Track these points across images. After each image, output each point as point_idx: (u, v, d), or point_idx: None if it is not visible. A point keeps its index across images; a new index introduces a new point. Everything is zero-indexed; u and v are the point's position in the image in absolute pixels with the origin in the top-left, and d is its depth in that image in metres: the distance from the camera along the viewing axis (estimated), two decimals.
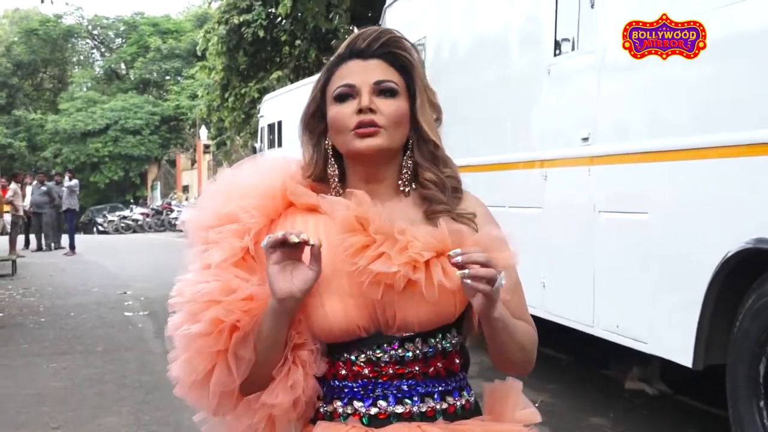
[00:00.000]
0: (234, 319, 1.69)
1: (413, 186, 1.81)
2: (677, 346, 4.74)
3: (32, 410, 6.32)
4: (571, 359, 7.32)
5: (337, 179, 1.81)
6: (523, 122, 6.77)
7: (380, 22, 10.56)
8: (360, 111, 1.74)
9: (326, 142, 1.81)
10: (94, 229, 38.68)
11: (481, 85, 7.31)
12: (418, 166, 1.80)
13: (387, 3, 9.87)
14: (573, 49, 6.03)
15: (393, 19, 9.63)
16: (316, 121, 1.82)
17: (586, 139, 5.65)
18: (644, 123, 5.16)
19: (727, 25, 4.48)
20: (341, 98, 1.76)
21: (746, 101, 4.31)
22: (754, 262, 4.25)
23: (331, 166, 1.81)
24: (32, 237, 23.36)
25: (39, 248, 22.73)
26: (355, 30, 17.11)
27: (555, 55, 6.18)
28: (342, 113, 1.75)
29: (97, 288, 13.75)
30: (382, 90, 1.76)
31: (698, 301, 4.50)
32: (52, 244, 22.69)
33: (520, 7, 6.83)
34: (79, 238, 24.42)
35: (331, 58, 1.84)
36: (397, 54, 1.79)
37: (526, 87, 6.63)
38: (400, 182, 1.80)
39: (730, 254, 4.30)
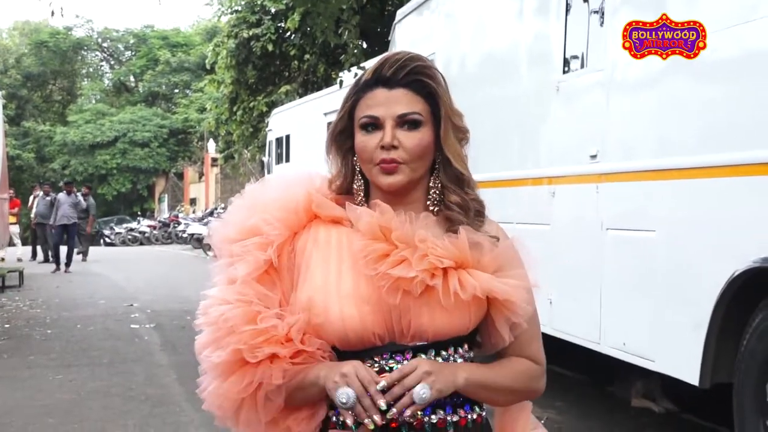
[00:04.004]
0: (256, 356, 1.74)
1: (440, 207, 1.84)
2: (684, 364, 4.73)
3: (39, 422, 6.32)
4: (578, 376, 7.31)
5: (362, 194, 1.85)
6: (531, 139, 6.79)
7: (389, 38, 10.60)
8: (383, 147, 1.77)
9: (354, 159, 1.85)
10: (102, 241, 38.73)
11: (490, 101, 7.34)
12: (444, 188, 1.84)
13: (396, 19, 9.91)
14: (582, 66, 6.05)
15: (402, 35, 9.67)
16: (343, 138, 1.86)
17: (594, 157, 5.66)
18: (652, 141, 5.17)
19: (736, 45, 4.49)
20: (366, 128, 1.80)
21: (755, 121, 4.32)
22: (761, 281, 4.25)
23: (357, 181, 1.85)
24: (38, 248, 23.41)
25: (45, 260, 22.77)
26: (364, 45, 17.14)
27: (564, 72, 6.21)
28: (367, 145, 1.79)
29: (103, 300, 13.76)
30: (405, 121, 1.79)
31: (705, 319, 4.50)
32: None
33: (530, 24, 6.86)
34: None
35: (359, 78, 1.87)
36: (423, 82, 1.81)
37: (535, 104, 6.65)
38: (428, 203, 1.84)
39: (737, 273, 4.30)
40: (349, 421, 1.67)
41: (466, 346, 1.82)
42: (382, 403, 1.65)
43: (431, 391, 1.67)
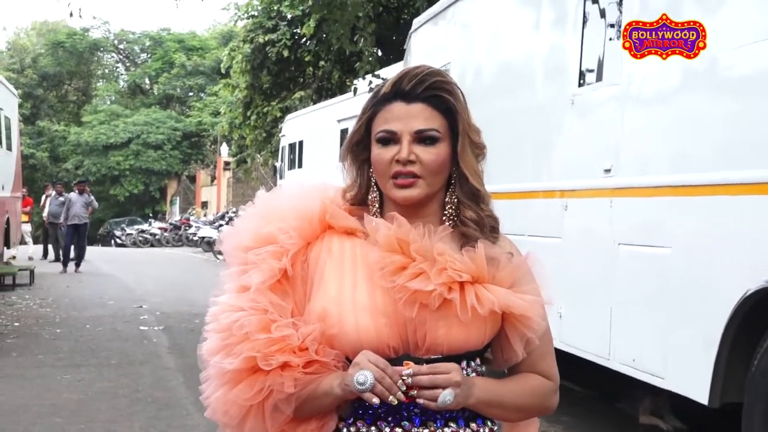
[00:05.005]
0: (270, 364, 1.72)
1: (456, 222, 1.83)
2: (694, 382, 4.71)
3: (46, 421, 6.33)
4: (586, 391, 7.27)
5: (377, 205, 1.84)
6: (545, 151, 6.77)
7: (405, 47, 10.61)
8: (398, 161, 1.77)
9: (370, 170, 1.84)
10: (112, 241, 38.82)
11: (504, 112, 7.32)
12: (460, 203, 1.83)
13: (412, 28, 9.91)
14: (597, 80, 6.03)
15: (418, 45, 9.67)
16: (360, 149, 1.86)
17: (608, 171, 5.64)
18: (667, 157, 5.15)
19: (754, 63, 4.47)
20: (383, 142, 1.79)
21: None
22: None
23: (372, 193, 1.85)
24: (50, 247, 23.46)
25: (56, 259, 22.81)
26: (379, 53, 17.14)
27: (579, 85, 6.19)
28: (383, 158, 1.78)
29: (113, 301, 13.79)
30: (423, 137, 1.78)
31: (716, 338, 4.47)
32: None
33: (546, 36, 6.84)
34: (97, 251, 24.48)
35: (377, 90, 1.86)
36: (442, 97, 1.80)
37: (550, 116, 6.63)
38: (444, 218, 1.83)
39: (750, 292, 4.27)
40: (376, 401, 1.66)
41: (478, 360, 1.81)
42: (401, 383, 1.67)
43: (455, 400, 1.68)
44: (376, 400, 1.66)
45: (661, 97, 5.24)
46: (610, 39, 5.84)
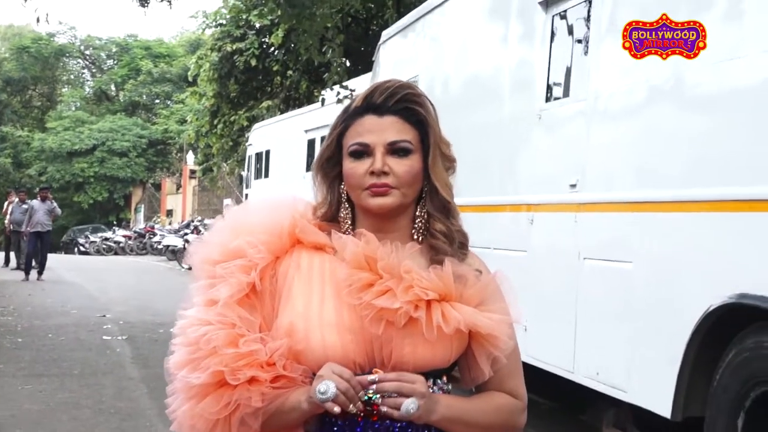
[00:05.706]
0: (237, 378, 1.72)
1: (425, 236, 1.84)
2: (656, 396, 4.75)
3: None
4: (550, 403, 7.30)
5: (349, 221, 1.84)
6: (511, 165, 6.81)
7: (374, 58, 10.63)
8: (372, 173, 1.77)
9: (341, 187, 1.84)
10: (75, 249, 38.43)
11: (471, 126, 7.35)
12: (430, 216, 1.84)
13: (381, 40, 9.94)
14: (565, 95, 6.08)
15: (386, 57, 9.70)
16: (331, 166, 1.86)
17: (574, 186, 5.68)
18: (633, 173, 5.20)
19: (721, 81, 4.52)
20: (356, 155, 1.79)
21: (737, 157, 4.34)
22: (735, 316, 4.27)
23: (344, 209, 1.85)
24: (12, 255, 23.18)
25: (18, 266, 22.54)
26: (347, 63, 17.12)
27: (546, 100, 6.23)
28: (356, 171, 1.79)
29: (76, 310, 13.62)
30: (395, 149, 1.79)
31: (679, 352, 4.51)
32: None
33: (514, 51, 6.89)
34: (60, 258, 24.21)
35: (348, 105, 1.86)
36: (413, 110, 1.81)
37: (517, 131, 6.67)
38: (413, 231, 1.84)
39: (712, 308, 4.32)
40: (337, 410, 1.67)
41: (444, 378, 1.82)
42: (362, 394, 1.68)
43: (418, 411, 1.68)
44: (337, 409, 1.67)
45: (628, 114, 5.29)
46: (577, 55, 5.89)
